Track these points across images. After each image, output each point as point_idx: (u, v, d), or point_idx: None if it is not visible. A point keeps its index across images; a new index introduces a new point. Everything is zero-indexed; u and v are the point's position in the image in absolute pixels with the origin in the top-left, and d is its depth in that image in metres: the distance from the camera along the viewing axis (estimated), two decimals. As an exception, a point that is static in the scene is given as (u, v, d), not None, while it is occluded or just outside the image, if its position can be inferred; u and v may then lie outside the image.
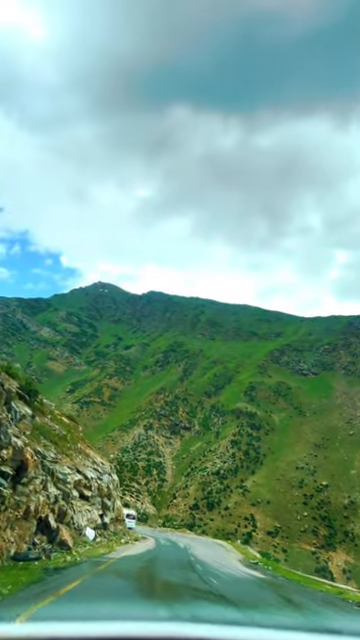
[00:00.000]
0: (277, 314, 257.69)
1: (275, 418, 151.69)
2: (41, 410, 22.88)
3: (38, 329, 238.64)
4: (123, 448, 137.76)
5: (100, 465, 31.52)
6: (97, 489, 27.75)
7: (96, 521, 26.54)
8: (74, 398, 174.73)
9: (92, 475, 26.84)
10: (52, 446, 20.22)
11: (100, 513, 28.23)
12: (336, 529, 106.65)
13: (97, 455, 33.57)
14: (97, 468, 29.83)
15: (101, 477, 29.40)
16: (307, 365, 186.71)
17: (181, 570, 18.73)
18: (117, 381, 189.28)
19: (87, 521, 23.86)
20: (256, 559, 36.93)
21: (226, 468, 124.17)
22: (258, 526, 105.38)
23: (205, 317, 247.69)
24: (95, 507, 26.84)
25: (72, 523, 20.70)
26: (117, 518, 34.28)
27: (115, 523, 33.13)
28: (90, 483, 25.64)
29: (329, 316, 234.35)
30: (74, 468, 23.41)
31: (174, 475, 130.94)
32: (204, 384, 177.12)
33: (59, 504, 17.77)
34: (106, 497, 29.93)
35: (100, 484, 28.67)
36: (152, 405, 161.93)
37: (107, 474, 31.80)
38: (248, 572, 24.72)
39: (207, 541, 60.62)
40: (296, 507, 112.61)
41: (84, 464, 26.59)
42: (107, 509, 30.07)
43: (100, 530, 27.89)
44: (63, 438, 24.30)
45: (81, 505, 23.19)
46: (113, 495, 32.55)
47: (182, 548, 35.91)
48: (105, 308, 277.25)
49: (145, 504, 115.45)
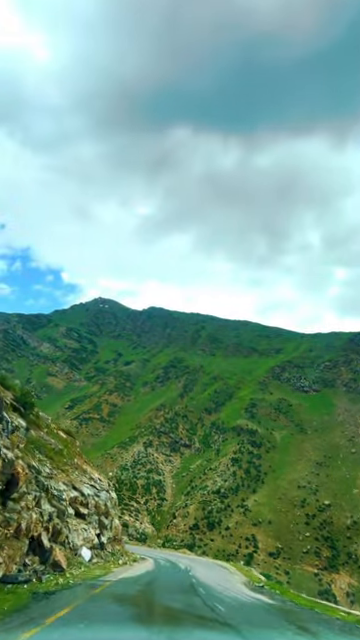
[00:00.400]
0: (277, 330, 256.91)
1: (276, 435, 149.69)
2: (37, 423, 22.08)
3: (38, 345, 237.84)
4: (122, 466, 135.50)
5: (97, 482, 30.35)
6: (94, 507, 26.67)
7: (92, 541, 25.38)
8: (73, 414, 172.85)
9: (89, 492, 25.75)
10: (47, 461, 19.36)
11: (97, 532, 27.08)
12: (339, 550, 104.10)
13: (94, 471, 32.47)
14: (94, 485, 28.69)
15: (98, 494, 28.29)
16: (308, 382, 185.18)
17: (183, 594, 17.77)
18: (117, 397, 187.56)
19: (83, 540, 22.78)
20: (261, 582, 35.53)
21: (227, 487, 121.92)
22: (259, 547, 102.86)
23: (205, 333, 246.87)
24: (92, 526, 25.73)
25: (67, 543, 19.69)
26: (115, 537, 32.98)
27: (113, 543, 31.87)
28: (87, 500, 24.61)
29: (330, 332, 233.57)
30: (70, 484, 22.41)
31: (174, 494, 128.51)
32: (204, 400, 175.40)
33: (53, 522, 16.84)
34: (103, 515, 28.77)
35: (97, 501, 27.60)
36: (152, 422, 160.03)
37: (105, 491, 30.60)
38: (255, 596, 23.53)
39: (208, 562, 58.60)
40: (298, 527, 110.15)
41: (80, 480, 25.54)
42: (104, 528, 28.85)
43: (97, 550, 26.70)
44: (59, 453, 23.42)
45: (77, 524, 22.16)
46: (111, 513, 31.41)
47: (183, 569, 34.62)
48: (105, 324, 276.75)
49: (144, 524, 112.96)
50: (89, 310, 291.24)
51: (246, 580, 35.03)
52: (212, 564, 53.96)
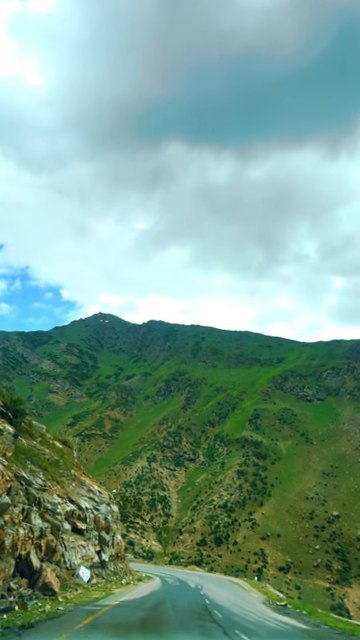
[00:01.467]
0: (278, 340, 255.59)
1: (281, 446, 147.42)
2: (29, 432, 20.90)
3: (38, 362, 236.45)
4: (126, 482, 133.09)
5: (97, 494, 28.76)
6: (93, 521, 25.07)
7: (92, 559, 23.75)
8: (75, 431, 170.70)
9: (87, 505, 24.19)
10: (40, 472, 18.10)
11: (97, 549, 25.39)
12: (350, 563, 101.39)
13: (93, 483, 30.87)
14: (93, 497, 27.08)
15: (98, 507, 26.70)
16: (312, 391, 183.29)
17: (196, 620, 15.29)
18: (119, 412, 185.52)
19: (81, 559, 21.23)
20: (282, 600, 33.01)
21: (233, 500, 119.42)
22: (269, 561, 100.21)
23: (206, 344, 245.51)
24: (91, 542, 24.07)
25: (63, 562, 18.23)
26: (118, 555, 31.33)
27: (115, 561, 30.17)
28: (85, 514, 23.08)
29: (331, 341, 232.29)
30: (66, 497, 21.01)
31: (179, 509, 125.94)
32: (207, 413, 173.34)
33: (47, 538, 15.49)
34: (104, 530, 27.08)
35: (97, 515, 25.97)
36: (155, 436, 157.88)
37: (105, 504, 28.99)
38: (282, 619, 20.74)
39: (219, 579, 56.20)
40: (307, 540, 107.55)
41: (78, 493, 24.04)
42: (105, 544, 27.08)
43: (97, 569, 25.01)
44: (54, 464, 22.12)
45: (74, 540, 20.65)
46: (112, 528, 29.84)
47: (193, 588, 32.36)
48: (105, 338, 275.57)
49: (150, 541, 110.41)
50: (89, 325, 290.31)
51: (265, 599, 32.51)
52: (224, 581, 51.67)
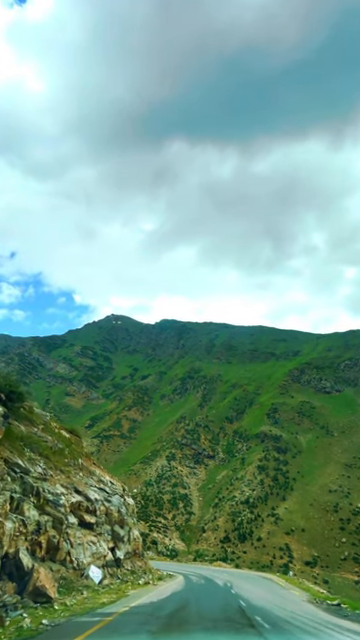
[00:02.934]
0: (293, 333, 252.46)
1: (301, 440, 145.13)
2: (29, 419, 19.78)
3: (54, 366, 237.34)
4: (146, 482, 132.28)
5: (109, 485, 26.83)
6: (105, 514, 23.37)
7: (105, 556, 21.89)
8: (93, 433, 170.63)
9: (96, 496, 22.29)
10: (41, 460, 16.81)
11: (111, 546, 23.60)
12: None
13: (105, 474, 29.00)
14: (104, 488, 25.11)
15: (109, 499, 24.88)
16: (329, 383, 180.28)
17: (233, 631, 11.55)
18: (136, 412, 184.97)
19: (92, 557, 19.54)
20: (333, 598, 29.61)
21: (255, 496, 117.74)
22: (294, 556, 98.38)
23: (220, 341, 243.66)
24: (103, 538, 22.26)
25: (69, 560, 16.46)
26: (135, 552, 29.15)
27: (133, 558, 28.28)
28: (94, 506, 21.38)
29: (347, 331, 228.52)
30: (71, 487, 19.32)
31: (201, 507, 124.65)
32: (225, 409, 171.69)
33: (47, 534, 13.96)
34: (117, 524, 25.25)
35: (108, 508, 24.13)
36: (173, 435, 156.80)
37: (117, 495, 27.03)
38: (343, 625, 16.75)
39: (249, 575, 52.83)
40: (333, 533, 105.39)
41: (85, 483, 22.25)
42: (120, 540, 25.12)
43: (111, 568, 23.21)
44: (59, 452, 20.78)
45: (82, 535, 19.06)
46: (128, 522, 27.64)
47: (222, 587, 29.08)
48: (119, 340, 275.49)
49: (173, 540, 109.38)
50: (102, 328, 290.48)
51: (309, 597, 29.22)
52: (255, 577, 48.21)
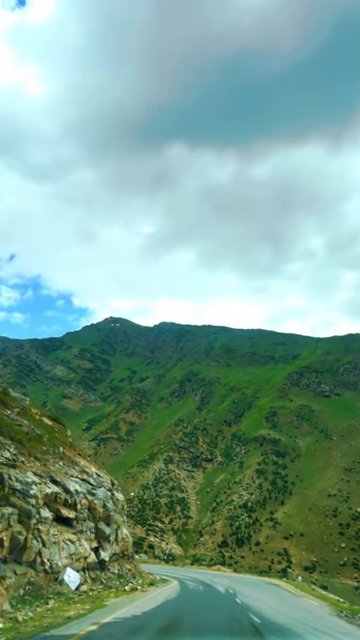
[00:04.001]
0: (292, 336, 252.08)
1: (300, 443, 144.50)
2: (2, 400, 18.96)
3: (52, 368, 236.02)
4: (144, 485, 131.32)
5: (94, 476, 24.42)
6: (87, 509, 20.95)
7: (86, 558, 19.53)
8: (90, 435, 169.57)
9: (78, 488, 20.16)
10: (12, 445, 15.64)
11: (94, 546, 21.06)
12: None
13: (91, 465, 26.57)
14: (88, 479, 22.77)
15: (93, 491, 22.38)
16: (329, 386, 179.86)
17: None
18: (134, 415, 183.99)
19: (69, 558, 17.38)
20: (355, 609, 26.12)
21: (253, 500, 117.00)
22: (293, 561, 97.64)
23: (219, 344, 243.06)
24: (84, 536, 19.84)
25: (40, 562, 14.77)
26: (124, 553, 26.42)
27: (121, 560, 25.46)
28: (74, 499, 19.16)
29: (346, 335, 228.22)
30: (47, 476, 17.50)
31: (199, 511, 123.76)
32: (223, 412, 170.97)
33: (10, 530, 12.53)
34: (103, 521, 22.63)
35: (92, 502, 21.63)
36: (171, 437, 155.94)
37: (103, 488, 24.43)
38: None
39: (253, 580, 48.27)
40: (332, 538, 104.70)
41: (66, 473, 20.33)
42: (105, 539, 22.44)
43: (95, 572, 20.65)
44: (36, 438, 19.42)
45: (58, 533, 17.05)
46: (116, 520, 24.93)
47: (224, 594, 26.08)
48: (118, 342, 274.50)
49: (170, 544, 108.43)
50: (100, 330, 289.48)
51: (330, 608, 25.30)
52: (259, 583, 44.17)
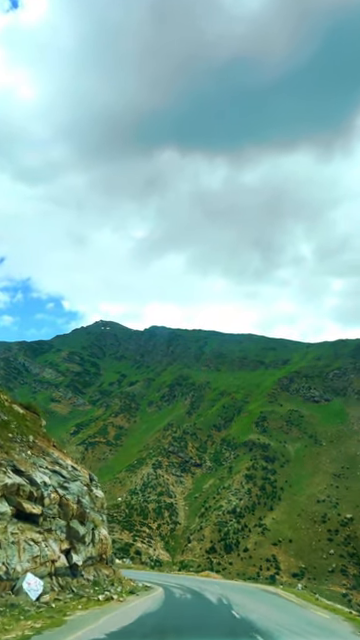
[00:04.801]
0: (282, 341, 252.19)
1: (290, 449, 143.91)
2: None
3: (40, 371, 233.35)
4: (131, 490, 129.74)
5: (68, 469, 21.80)
6: (58, 505, 18.80)
7: (54, 562, 17.13)
8: (78, 440, 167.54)
9: (47, 480, 18.05)
10: None
11: (65, 548, 18.64)
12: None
13: (67, 458, 23.73)
14: (60, 471, 20.51)
15: (66, 485, 20.11)
16: (318, 392, 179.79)
17: None
18: (122, 419, 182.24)
19: (32, 562, 15.27)
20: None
21: (242, 505, 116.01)
22: (281, 568, 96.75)
23: (209, 348, 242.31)
24: (53, 536, 17.66)
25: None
26: (102, 557, 23.62)
27: (98, 565, 22.75)
28: (40, 492, 17.09)
29: (336, 340, 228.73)
30: (8, 464, 15.90)
31: (187, 516, 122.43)
32: (213, 417, 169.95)
33: None
34: (77, 519, 20.22)
35: (64, 496, 19.34)
36: (160, 442, 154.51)
37: (79, 482, 21.93)
38: None
39: (247, 588, 44.42)
40: (321, 544, 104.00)
41: (34, 463, 18.35)
42: (79, 541, 20.05)
43: (64, 578, 17.99)
44: (1, 425, 18.08)
45: (19, 531, 15.07)
46: (93, 519, 22.25)
47: (217, 606, 22.92)
48: (107, 346, 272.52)
49: (158, 550, 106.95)
50: (90, 333, 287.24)
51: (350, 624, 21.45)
52: (254, 590, 40.75)
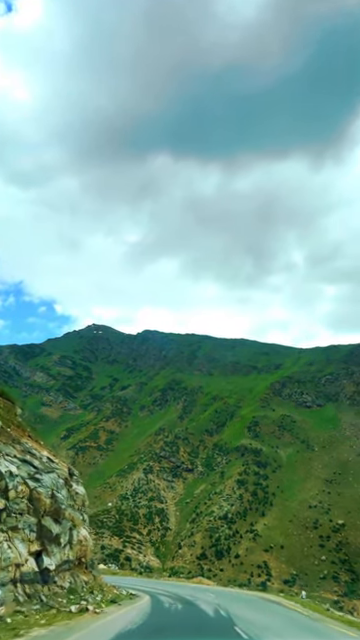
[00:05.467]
0: (275, 346, 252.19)
1: (282, 454, 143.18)
2: None
3: (31, 375, 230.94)
4: (122, 495, 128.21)
5: (42, 459, 19.17)
6: (27, 499, 16.51)
7: (19, 566, 14.85)
8: (69, 444, 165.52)
9: (13, 470, 16.05)
10: None
11: (34, 549, 16.34)
12: (358, 574, 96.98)
13: (43, 449, 21.00)
14: (31, 461, 18.07)
15: (37, 476, 17.71)
16: (311, 397, 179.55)
17: None
18: (114, 423, 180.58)
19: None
20: None
21: (234, 511, 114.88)
22: (273, 574, 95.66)
23: (202, 353, 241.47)
24: (20, 535, 15.47)
25: None
26: (80, 561, 21.01)
27: (75, 570, 20.27)
28: (4, 483, 15.30)
29: (329, 346, 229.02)
30: None
31: (178, 522, 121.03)
32: (205, 422, 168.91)
33: None
34: (50, 517, 17.89)
35: (35, 489, 17.02)
36: (151, 447, 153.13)
37: (54, 474, 19.45)
38: None
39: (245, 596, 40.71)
40: (312, 551, 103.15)
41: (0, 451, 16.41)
42: (52, 541, 17.76)
43: (33, 586, 15.63)
44: None
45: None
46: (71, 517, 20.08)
47: (214, 618, 19.90)
48: (100, 350, 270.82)
49: (148, 556, 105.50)
50: (82, 337, 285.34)
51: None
52: (253, 598, 37.30)
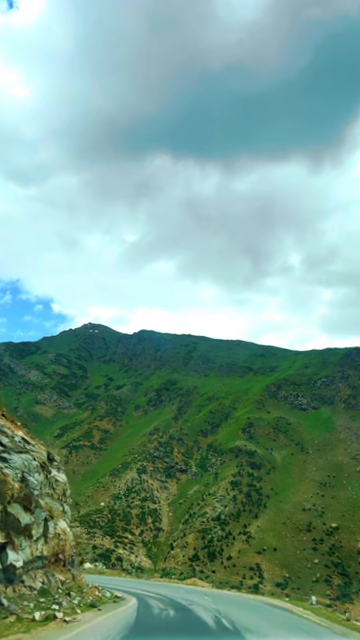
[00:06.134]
0: (271, 348, 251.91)
1: (276, 456, 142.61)
2: None
3: (26, 372, 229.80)
4: (115, 495, 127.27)
5: (14, 439, 16.55)
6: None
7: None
8: (62, 443, 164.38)
9: None
10: None
11: None
12: (351, 577, 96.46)
13: (18, 430, 18.49)
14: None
15: (4, 456, 15.29)
16: (306, 399, 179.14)
17: None
18: (108, 423, 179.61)
19: None
20: None
21: (227, 513, 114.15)
22: (265, 577, 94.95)
23: (198, 354, 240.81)
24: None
25: None
26: (57, 557, 18.41)
27: (51, 568, 17.55)
28: None
29: (325, 349, 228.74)
30: None
31: (171, 523, 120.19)
32: (200, 422, 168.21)
33: None
34: (18, 503, 15.09)
35: (1, 470, 14.68)
36: (145, 447, 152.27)
37: (27, 455, 16.68)
38: None
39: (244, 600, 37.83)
40: (305, 554, 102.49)
41: None
42: (20, 533, 14.99)
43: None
44: None
45: None
46: (49, 507, 17.74)
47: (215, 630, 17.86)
48: (95, 349, 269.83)
49: (140, 557, 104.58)
50: (78, 336, 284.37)
51: None
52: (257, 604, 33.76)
